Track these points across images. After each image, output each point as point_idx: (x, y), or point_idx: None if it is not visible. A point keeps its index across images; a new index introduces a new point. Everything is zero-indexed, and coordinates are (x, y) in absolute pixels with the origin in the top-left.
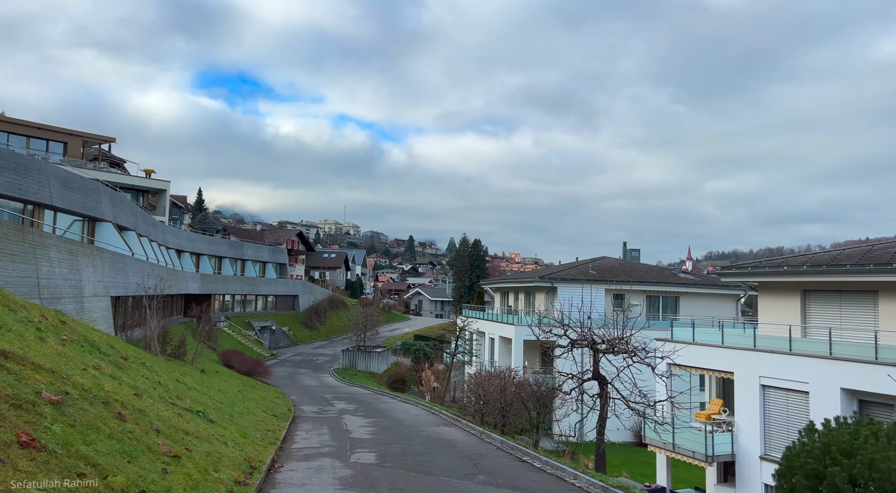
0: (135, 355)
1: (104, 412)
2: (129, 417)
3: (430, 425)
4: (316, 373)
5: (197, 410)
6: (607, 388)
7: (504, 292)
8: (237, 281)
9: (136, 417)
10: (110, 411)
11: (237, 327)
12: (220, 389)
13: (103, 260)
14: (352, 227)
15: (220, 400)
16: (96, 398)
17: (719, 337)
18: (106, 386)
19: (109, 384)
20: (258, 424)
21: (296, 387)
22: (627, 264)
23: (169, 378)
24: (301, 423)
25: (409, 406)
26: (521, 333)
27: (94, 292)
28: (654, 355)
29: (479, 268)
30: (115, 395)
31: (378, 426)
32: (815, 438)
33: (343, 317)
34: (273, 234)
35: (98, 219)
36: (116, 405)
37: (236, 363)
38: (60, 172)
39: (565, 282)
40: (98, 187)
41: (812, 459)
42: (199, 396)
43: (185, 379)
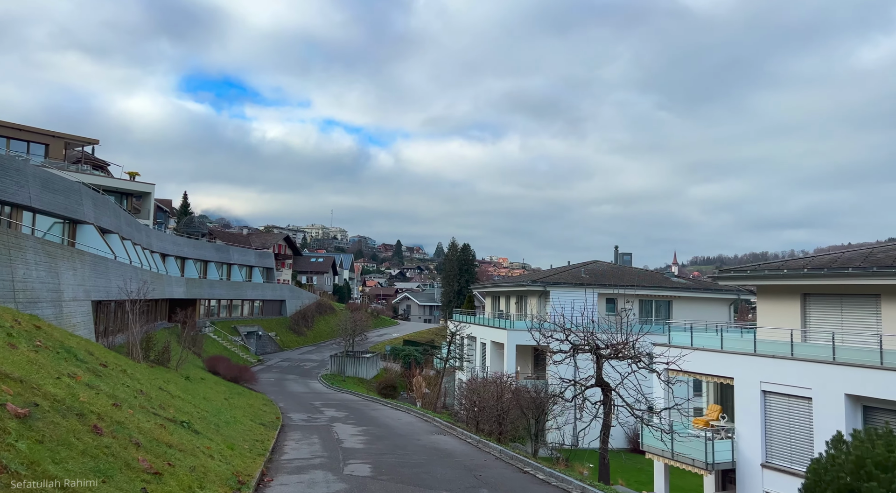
0: (115, 362)
1: (78, 425)
2: (106, 430)
3: (424, 433)
4: (304, 379)
5: (181, 420)
6: (611, 395)
7: (495, 297)
8: (223, 285)
9: (113, 429)
10: (85, 423)
11: (223, 333)
12: (205, 396)
13: (84, 263)
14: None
15: (205, 409)
16: (70, 410)
17: (717, 342)
18: (81, 396)
19: (85, 394)
20: (246, 433)
21: (284, 394)
22: (619, 267)
23: (151, 386)
24: (290, 432)
25: (401, 413)
26: (514, 337)
27: (74, 297)
28: (658, 360)
29: (468, 272)
30: (92, 406)
31: (370, 434)
32: (845, 450)
33: (331, 322)
34: (260, 238)
35: (79, 221)
36: (92, 417)
37: (222, 370)
38: (40, 172)
39: (558, 286)
40: (80, 189)
41: (845, 473)
42: (184, 404)
43: (168, 387)
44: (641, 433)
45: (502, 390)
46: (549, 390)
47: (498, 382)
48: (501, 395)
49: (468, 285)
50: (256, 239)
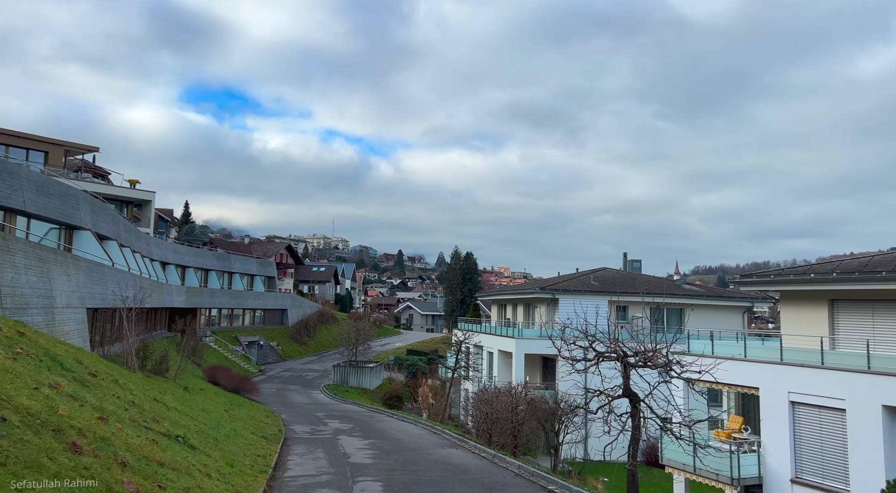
0: (107, 372)
1: (53, 442)
2: (87, 447)
3: (434, 446)
4: (306, 389)
5: (176, 434)
6: (640, 406)
7: (501, 305)
8: (224, 294)
9: (96, 447)
10: (62, 440)
11: (224, 342)
12: (204, 408)
13: (79, 269)
14: (340, 241)
15: (203, 421)
16: (44, 425)
17: (739, 349)
18: (61, 409)
19: (66, 407)
20: (246, 448)
21: (286, 405)
22: (629, 275)
23: (145, 397)
24: (294, 445)
25: (409, 425)
26: (523, 346)
27: (68, 303)
28: (688, 369)
29: (471, 281)
30: (73, 420)
31: (378, 448)
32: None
33: (333, 331)
34: (261, 247)
35: (76, 227)
36: (71, 433)
37: (223, 380)
38: (34, 175)
39: (567, 293)
40: (76, 194)
41: None
42: (180, 417)
43: (164, 398)
44: (661, 446)
45: (517, 402)
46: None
47: (512, 392)
48: (516, 406)
49: (471, 293)
50: (258, 248)
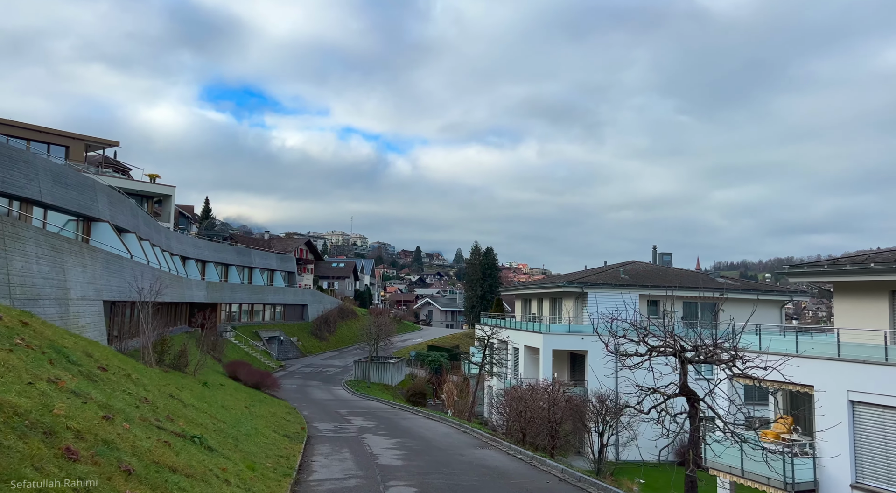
0: (119, 366)
1: (42, 447)
2: (85, 453)
3: (465, 446)
4: (327, 385)
5: (192, 434)
6: (699, 405)
7: (525, 300)
8: (244, 289)
9: (96, 452)
10: (54, 445)
11: (244, 338)
12: (223, 404)
13: (95, 260)
14: (359, 238)
15: (223, 419)
16: (34, 427)
17: (788, 345)
18: (57, 408)
19: (65, 405)
20: (268, 448)
21: (307, 401)
22: (660, 268)
23: (160, 393)
24: (317, 445)
25: (435, 423)
26: (550, 342)
27: (83, 295)
28: (752, 365)
29: (491, 277)
30: (71, 420)
31: (406, 448)
32: None
33: (353, 327)
34: (281, 242)
35: (94, 219)
36: (67, 436)
37: (243, 375)
38: (51, 165)
39: (596, 287)
40: (94, 185)
41: None
42: (198, 415)
43: (181, 394)
44: (704, 447)
45: (555, 400)
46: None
47: (549, 390)
48: (554, 404)
49: (492, 289)
50: (278, 244)
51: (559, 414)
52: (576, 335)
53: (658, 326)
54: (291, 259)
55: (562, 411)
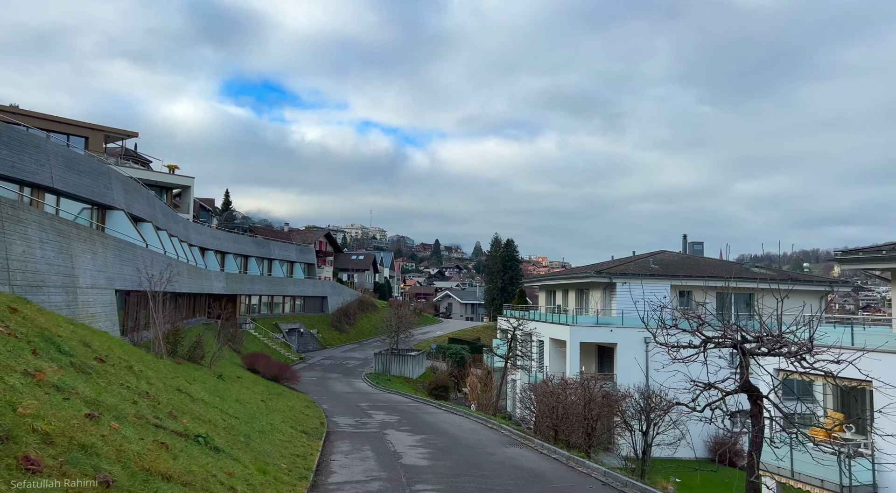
0: (122, 357)
1: None
2: (52, 462)
3: (494, 444)
4: (347, 378)
5: (196, 433)
6: (762, 403)
7: (550, 291)
8: (264, 281)
9: (67, 459)
10: (8, 453)
11: (264, 330)
12: (238, 398)
13: (107, 247)
14: (378, 231)
15: (236, 414)
16: None
17: (837, 336)
18: (24, 406)
19: (37, 402)
20: (284, 446)
21: (327, 394)
22: (691, 258)
23: (166, 387)
24: (337, 442)
25: (460, 418)
26: (578, 334)
27: (93, 284)
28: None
29: (512, 269)
30: (41, 420)
31: (432, 445)
32: None
33: (373, 319)
34: (301, 235)
35: (109, 207)
36: (30, 441)
37: (261, 367)
38: (63, 151)
39: (625, 277)
40: (109, 172)
41: None
42: (207, 410)
43: (191, 387)
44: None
45: (592, 395)
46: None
47: (585, 384)
48: (590, 400)
49: (512, 281)
50: (297, 236)
51: (595, 411)
52: (604, 328)
53: (702, 316)
54: (311, 251)
55: (598, 407)
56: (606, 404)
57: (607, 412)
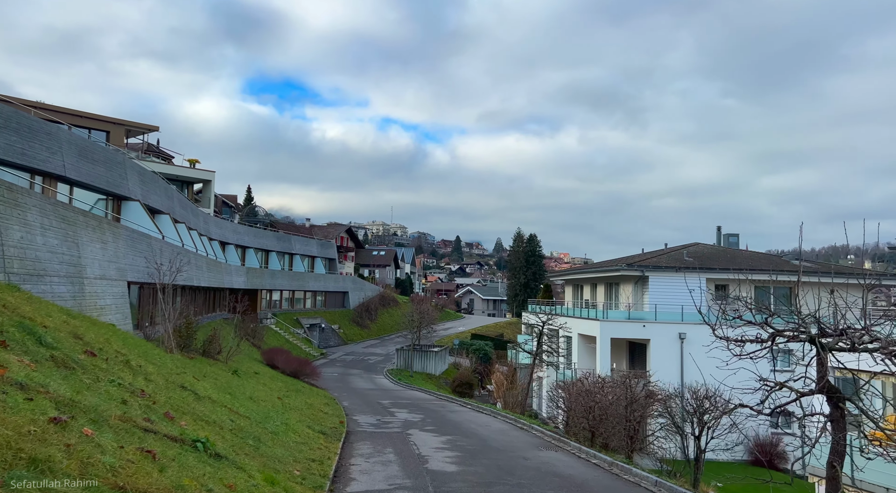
0: (119, 351)
1: None
2: None
3: (527, 447)
4: (369, 374)
5: (195, 438)
6: (844, 407)
7: (577, 285)
8: (285, 276)
9: (4, 480)
10: None
11: (285, 325)
12: (252, 395)
13: (118, 237)
14: (399, 228)
15: (248, 413)
16: None
17: None
18: None
19: None
20: (299, 449)
21: (348, 390)
22: (727, 250)
23: (168, 384)
24: (357, 443)
25: (487, 417)
26: (608, 329)
27: (103, 274)
28: None
29: (535, 264)
30: None
31: (459, 448)
32: None
33: (395, 315)
34: (322, 230)
35: (124, 197)
36: None
37: (280, 363)
38: (76, 139)
39: (658, 270)
40: (124, 161)
41: None
42: (213, 410)
43: (199, 384)
44: (804, 449)
45: (633, 394)
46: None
47: (626, 382)
48: (633, 400)
49: (535, 277)
50: (319, 231)
51: (639, 412)
52: (636, 323)
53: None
54: (332, 246)
55: (641, 407)
56: (649, 404)
57: (651, 413)
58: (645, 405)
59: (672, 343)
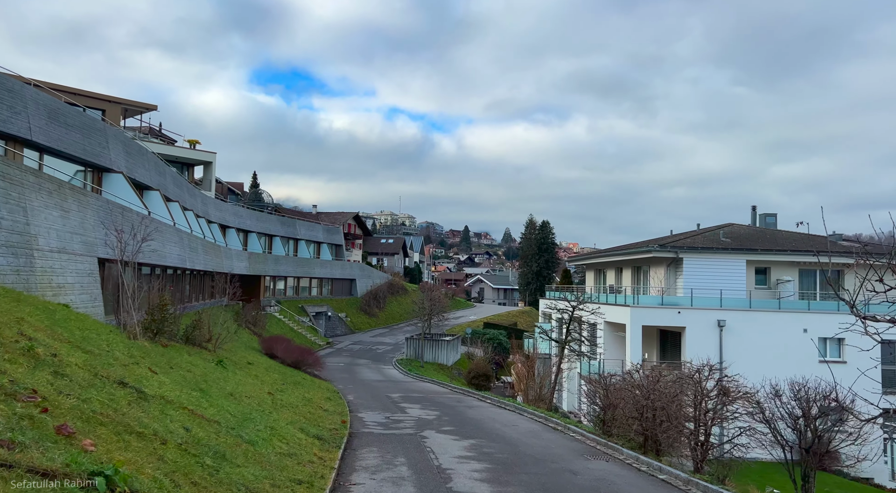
0: (34, 336)
1: None
2: None
3: (570, 454)
4: (377, 364)
5: (93, 469)
6: None
7: (598, 270)
8: (289, 262)
9: None
10: None
11: (289, 313)
12: (235, 391)
13: (85, 206)
14: (407, 217)
15: (221, 415)
16: None
17: None
18: None
19: None
20: (282, 464)
21: (354, 382)
22: (765, 231)
23: (95, 380)
24: (361, 451)
25: (511, 415)
26: (639, 316)
27: (62, 247)
28: None
29: (548, 252)
30: None
31: (487, 456)
32: None
33: (404, 303)
34: (329, 217)
35: (105, 169)
36: None
37: (280, 352)
38: (45, 99)
39: (693, 251)
40: (105, 129)
41: None
42: (161, 415)
43: (152, 380)
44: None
45: (703, 391)
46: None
47: (695, 377)
48: (703, 398)
49: (548, 265)
50: (326, 218)
51: (712, 413)
52: (671, 309)
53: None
54: (339, 232)
55: (713, 408)
56: (726, 404)
57: (725, 415)
58: (719, 405)
59: (710, 331)
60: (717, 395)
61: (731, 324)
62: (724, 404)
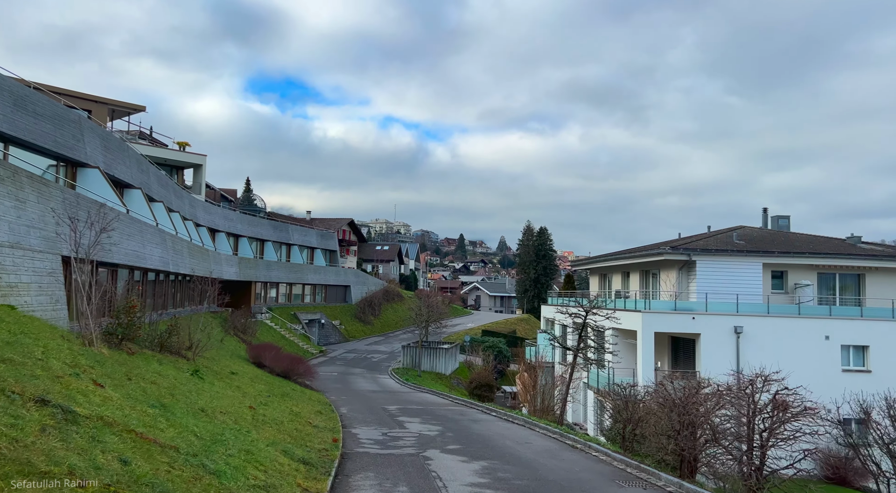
0: None
1: None
2: None
3: (600, 481)
4: (372, 373)
5: None
6: None
7: (603, 274)
8: (281, 267)
9: None
10: None
11: (281, 320)
12: (206, 407)
13: (47, 198)
14: (402, 225)
15: (181, 438)
16: None
17: None
18: None
19: None
20: None
21: (347, 393)
22: (780, 233)
23: (9, 399)
24: (355, 477)
25: (521, 430)
26: (652, 322)
27: (14, 242)
28: None
29: (546, 258)
30: None
31: (504, 483)
32: None
33: (399, 310)
34: (323, 223)
35: (80, 163)
36: None
37: (268, 361)
38: (10, 84)
39: (707, 253)
40: (80, 120)
41: None
42: (89, 442)
43: (93, 395)
44: None
45: (756, 406)
46: None
47: (748, 390)
48: (754, 414)
49: (546, 272)
50: (320, 224)
51: (767, 434)
52: (684, 314)
53: None
54: (333, 237)
55: (769, 427)
56: (785, 421)
57: (783, 433)
58: (777, 422)
59: (726, 338)
60: (774, 410)
61: (748, 330)
62: (783, 422)
